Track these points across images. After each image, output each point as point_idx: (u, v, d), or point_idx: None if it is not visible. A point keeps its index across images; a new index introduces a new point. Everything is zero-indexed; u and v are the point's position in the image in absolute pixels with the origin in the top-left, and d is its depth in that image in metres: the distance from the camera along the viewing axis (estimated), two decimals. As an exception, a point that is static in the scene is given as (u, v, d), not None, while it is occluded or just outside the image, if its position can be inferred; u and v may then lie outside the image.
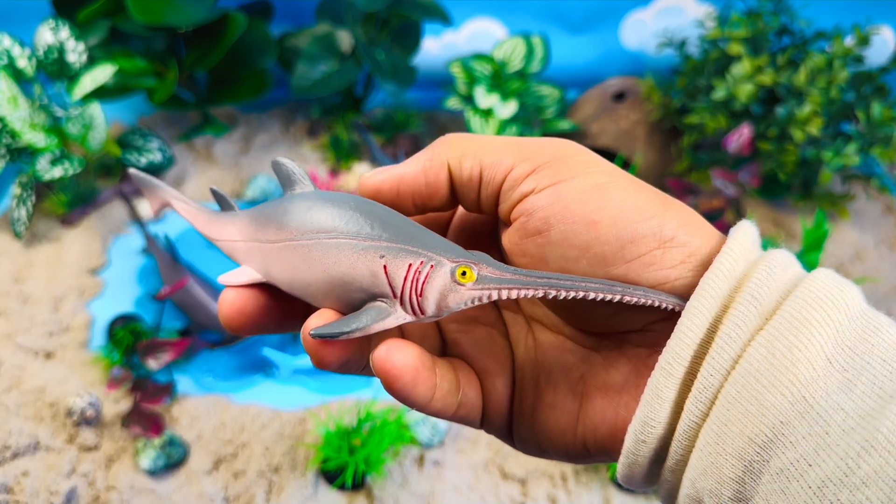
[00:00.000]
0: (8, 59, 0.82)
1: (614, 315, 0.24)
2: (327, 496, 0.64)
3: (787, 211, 0.93)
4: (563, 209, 0.23)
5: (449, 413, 0.24)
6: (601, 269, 0.22)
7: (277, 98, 1.06)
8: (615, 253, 0.22)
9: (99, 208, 0.90)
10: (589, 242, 0.22)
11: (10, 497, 0.62)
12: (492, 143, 0.25)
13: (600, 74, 1.03)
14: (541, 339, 0.26)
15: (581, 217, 0.22)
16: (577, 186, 0.23)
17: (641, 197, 0.23)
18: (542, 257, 0.23)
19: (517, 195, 0.23)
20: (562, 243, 0.23)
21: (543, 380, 0.26)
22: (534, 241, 0.23)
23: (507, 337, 0.27)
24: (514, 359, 0.27)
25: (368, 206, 0.24)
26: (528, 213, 0.23)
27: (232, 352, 0.76)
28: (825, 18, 0.90)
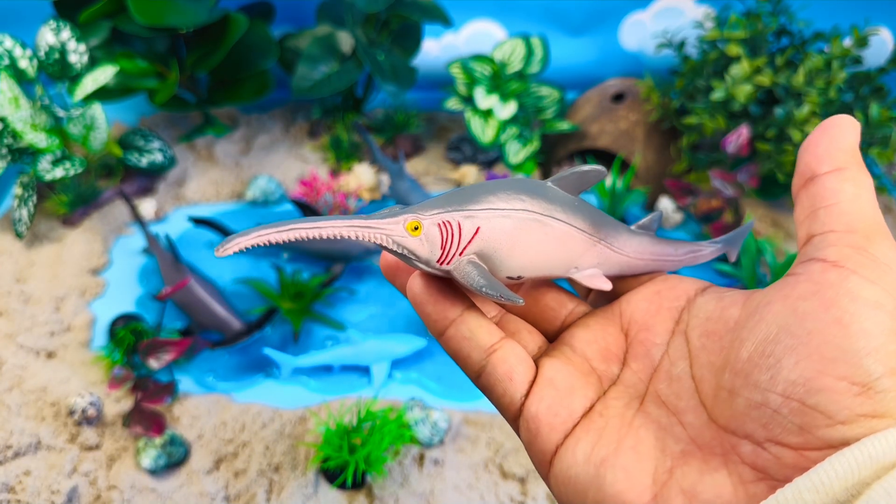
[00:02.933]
0: (10, 60, 0.82)
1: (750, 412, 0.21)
2: (328, 495, 0.64)
3: (785, 211, 0.93)
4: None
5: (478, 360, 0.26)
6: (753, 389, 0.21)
7: (278, 99, 1.07)
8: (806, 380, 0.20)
9: (100, 208, 0.90)
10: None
11: (11, 496, 0.62)
12: None
13: (599, 75, 1.03)
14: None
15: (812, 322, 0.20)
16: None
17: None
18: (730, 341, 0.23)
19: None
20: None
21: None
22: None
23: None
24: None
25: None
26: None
27: (233, 351, 0.76)
28: (823, 19, 0.91)
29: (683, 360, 0.25)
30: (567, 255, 0.27)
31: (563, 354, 0.27)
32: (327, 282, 0.81)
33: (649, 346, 0.26)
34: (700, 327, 0.25)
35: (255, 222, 0.88)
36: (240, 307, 0.79)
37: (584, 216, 0.27)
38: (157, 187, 0.94)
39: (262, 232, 0.23)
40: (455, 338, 0.26)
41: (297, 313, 0.78)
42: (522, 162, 0.92)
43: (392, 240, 0.24)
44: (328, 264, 0.85)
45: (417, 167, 0.99)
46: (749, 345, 0.22)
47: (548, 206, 0.26)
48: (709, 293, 0.26)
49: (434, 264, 0.25)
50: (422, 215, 0.25)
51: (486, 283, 0.24)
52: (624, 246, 0.28)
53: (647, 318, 0.27)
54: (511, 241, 0.25)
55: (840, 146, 0.23)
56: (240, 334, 0.75)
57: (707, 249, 0.32)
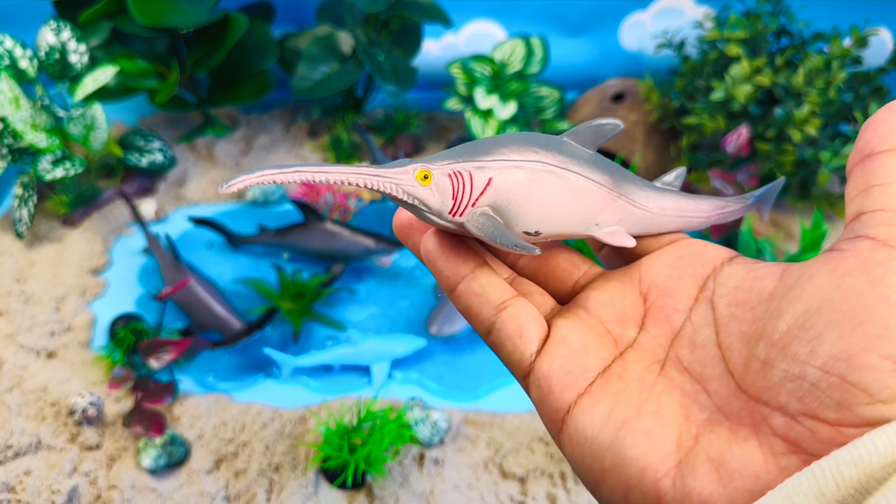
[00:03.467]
0: (10, 60, 0.82)
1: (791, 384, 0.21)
2: (328, 495, 0.64)
3: (785, 211, 0.93)
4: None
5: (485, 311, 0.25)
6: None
7: (278, 99, 1.07)
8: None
9: (100, 208, 0.90)
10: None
11: (12, 496, 0.62)
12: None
13: (599, 75, 1.03)
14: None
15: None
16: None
17: None
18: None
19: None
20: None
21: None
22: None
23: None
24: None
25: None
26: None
27: (233, 351, 0.76)
28: (823, 20, 0.91)
29: (709, 327, 0.24)
30: (585, 209, 0.26)
31: (577, 316, 0.26)
32: (327, 282, 0.81)
33: (670, 311, 0.25)
34: (728, 296, 0.24)
35: (255, 223, 0.88)
36: (240, 307, 0.79)
37: (601, 170, 0.26)
38: (158, 187, 0.95)
39: (268, 172, 0.23)
40: (466, 293, 0.26)
41: (298, 313, 0.78)
42: (522, 162, 0.92)
43: (402, 189, 0.24)
44: (328, 264, 0.85)
45: (417, 167, 0.99)
46: (788, 316, 0.21)
47: (563, 159, 0.25)
48: (737, 262, 0.25)
49: (446, 216, 0.24)
50: (432, 165, 0.24)
51: (499, 234, 0.24)
52: (646, 201, 0.27)
53: (670, 284, 0.26)
54: (525, 193, 0.25)
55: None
56: (240, 334, 0.75)
57: (736, 206, 0.30)
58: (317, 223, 0.83)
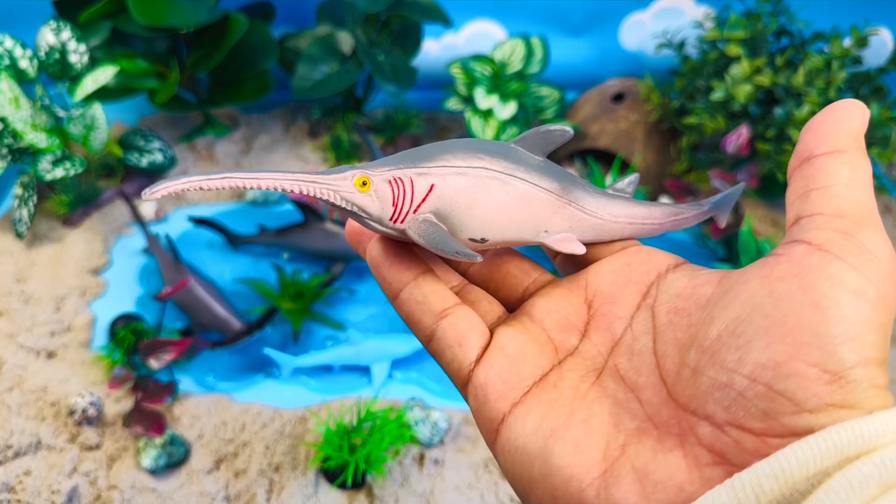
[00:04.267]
0: (10, 60, 0.82)
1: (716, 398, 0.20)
2: (328, 495, 0.64)
3: (785, 211, 0.93)
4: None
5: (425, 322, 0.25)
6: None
7: (278, 99, 1.07)
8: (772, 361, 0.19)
9: (101, 208, 0.90)
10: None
11: (12, 496, 0.62)
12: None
13: (599, 75, 1.03)
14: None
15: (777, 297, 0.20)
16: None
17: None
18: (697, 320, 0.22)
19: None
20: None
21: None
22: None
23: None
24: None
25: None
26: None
27: (233, 351, 0.76)
28: (823, 20, 0.91)
29: (647, 335, 0.24)
30: (533, 216, 0.26)
31: (521, 323, 0.26)
32: (327, 282, 0.81)
33: (612, 318, 0.25)
34: (669, 303, 0.24)
35: (256, 223, 0.88)
36: (240, 307, 0.79)
37: (550, 177, 0.26)
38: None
39: (195, 178, 0.22)
40: (408, 301, 0.26)
41: (298, 313, 0.78)
42: (522, 162, 0.92)
43: (339, 195, 0.23)
44: (328, 264, 0.85)
45: (417, 167, 0.99)
46: (719, 323, 0.21)
47: (509, 165, 0.25)
48: (682, 269, 0.25)
49: (387, 222, 0.24)
50: (371, 171, 0.24)
51: (440, 241, 0.23)
52: (597, 208, 0.27)
53: (614, 291, 0.26)
54: (469, 199, 0.24)
55: (843, 128, 0.22)
56: (240, 334, 0.75)
57: (691, 212, 0.30)
58: (317, 223, 0.83)
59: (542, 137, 0.26)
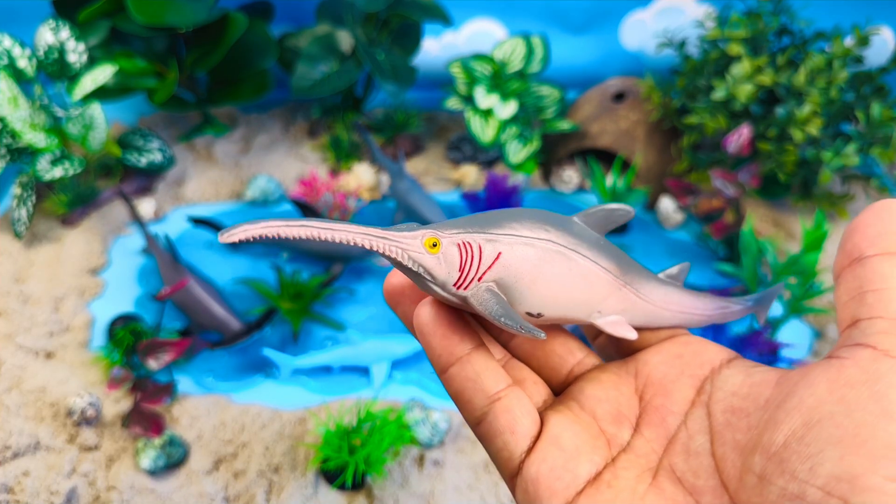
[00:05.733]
0: (8, 60, 0.82)
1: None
2: (327, 496, 0.64)
3: (786, 211, 0.93)
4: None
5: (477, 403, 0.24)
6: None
7: (278, 98, 1.06)
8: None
9: (99, 208, 0.90)
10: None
11: (10, 497, 0.62)
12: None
13: (600, 75, 1.03)
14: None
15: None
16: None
17: None
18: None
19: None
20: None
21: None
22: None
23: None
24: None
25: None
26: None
27: (232, 352, 0.76)
28: (825, 19, 0.90)
29: (703, 434, 0.23)
30: (591, 295, 0.25)
31: (571, 411, 0.25)
32: (327, 282, 0.81)
33: (665, 413, 0.24)
34: (725, 401, 0.23)
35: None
36: (239, 307, 0.79)
37: (609, 256, 0.25)
38: (157, 187, 0.94)
39: (272, 223, 0.21)
40: (459, 377, 0.24)
41: (297, 313, 0.78)
42: (523, 161, 0.92)
43: (408, 255, 0.23)
44: (328, 264, 0.84)
45: (417, 167, 0.99)
46: (786, 428, 0.20)
47: (573, 241, 0.24)
48: (736, 365, 0.24)
49: (450, 288, 0.23)
50: (441, 233, 0.23)
51: (504, 313, 0.22)
52: (651, 294, 0.27)
53: (666, 383, 0.25)
54: (534, 272, 0.24)
55: (892, 230, 0.22)
56: (239, 335, 0.75)
57: (737, 307, 0.30)
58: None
59: (606, 216, 0.26)
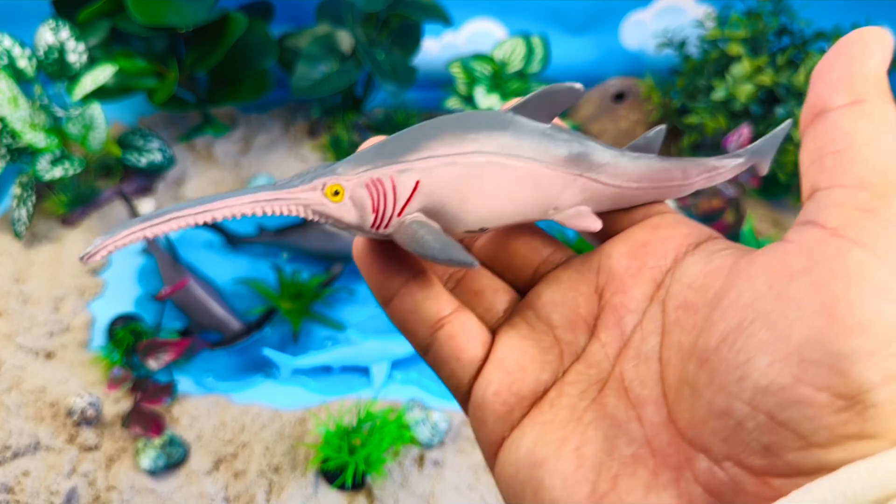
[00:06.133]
0: (8, 60, 0.82)
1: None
2: (327, 496, 0.64)
3: (787, 211, 0.93)
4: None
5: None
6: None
7: (278, 98, 1.06)
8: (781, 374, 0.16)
9: (99, 208, 0.90)
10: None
11: (10, 497, 0.62)
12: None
13: (600, 75, 1.03)
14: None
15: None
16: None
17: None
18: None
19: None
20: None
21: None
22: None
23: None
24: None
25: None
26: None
27: (232, 352, 0.76)
28: (825, 19, 0.90)
29: (656, 336, 0.20)
30: (539, 196, 0.22)
31: (525, 322, 0.23)
32: (327, 282, 0.81)
33: (623, 312, 0.21)
34: (679, 295, 0.20)
35: (255, 222, 0.87)
36: (239, 307, 0.79)
37: (557, 146, 0.22)
38: (157, 187, 0.94)
39: (136, 227, 0.19)
40: (400, 310, 0.22)
41: (297, 313, 0.78)
42: (523, 161, 0.92)
43: (310, 209, 0.21)
44: (327, 264, 0.84)
45: (417, 167, 0.98)
46: (719, 330, 0.17)
47: (508, 143, 0.21)
48: (702, 249, 0.21)
49: (369, 230, 0.21)
50: (343, 177, 0.21)
51: (432, 246, 0.20)
52: (615, 176, 0.23)
53: (627, 278, 0.22)
54: (462, 192, 0.21)
55: (859, 71, 0.17)
56: (239, 335, 0.75)
57: (729, 163, 0.25)
58: (316, 223, 0.83)
59: (547, 101, 0.22)
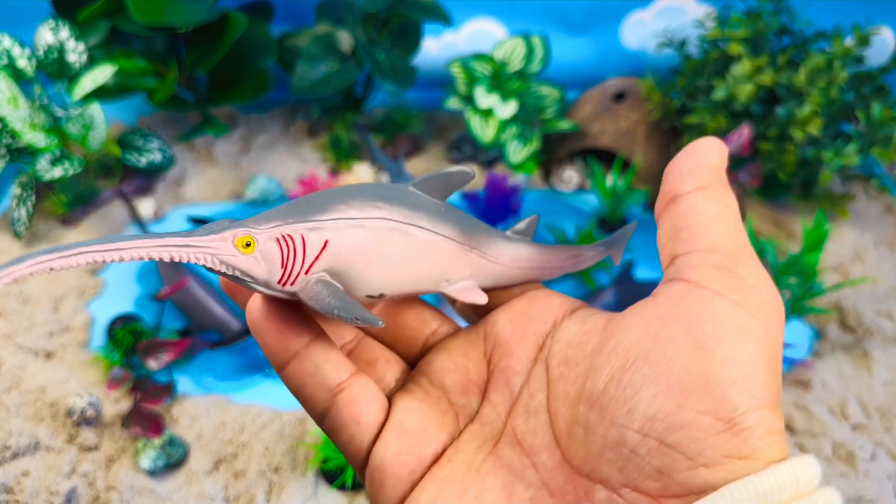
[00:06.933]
0: (8, 60, 0.82)
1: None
2: (327, 496, 0.64)
3: (787, 211, 0.93)
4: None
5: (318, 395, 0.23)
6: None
7: (277, 98, 1.06)
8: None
9: (99, 208, 0.90)
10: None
11: (10, 497, 0.62)
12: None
13: (600, 74, 1.03)
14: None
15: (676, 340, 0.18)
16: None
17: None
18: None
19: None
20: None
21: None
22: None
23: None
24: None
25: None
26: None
27: (232, 352, 0.76)
28: (825, 18, 0.90)
29: (542, 391, 0.22)
30: (434, 266, 0.24)
31: (420, 387, 0.24)
32: (327, 282, 0.81)
33: (510, 374, 0.23)
34: (560, 353, 0.22)
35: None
36: (239, 307, 0.79)
37: (452, 222, 0.24)
38: (156, 187, 0.94)
39: (43, 258, 0.18)
40: (297, 373, 0.22)
41: (297, 313, 0.78)
42: (523, 161, 0.92)
43: (219, 260, 0.21)
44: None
45: (417, 167, 0.98)
46: (604, 373, 0.19)
47: (409, 213, 0.23)
48: (576, 315, 0.23)
49: (275, 286, 0.21)
50: (255, 229, 0.21)
51: (338, 305, 0.21)
52: (499, 254, 0.26)
53: (512, 343, 0.24)
54: (368, 255, 0.22)
55: (704, 164, 0.21)
56: (239, 335, 0.75)
57: (588, 253, 0.29)
58: None
59: (443, 181, 0.25)
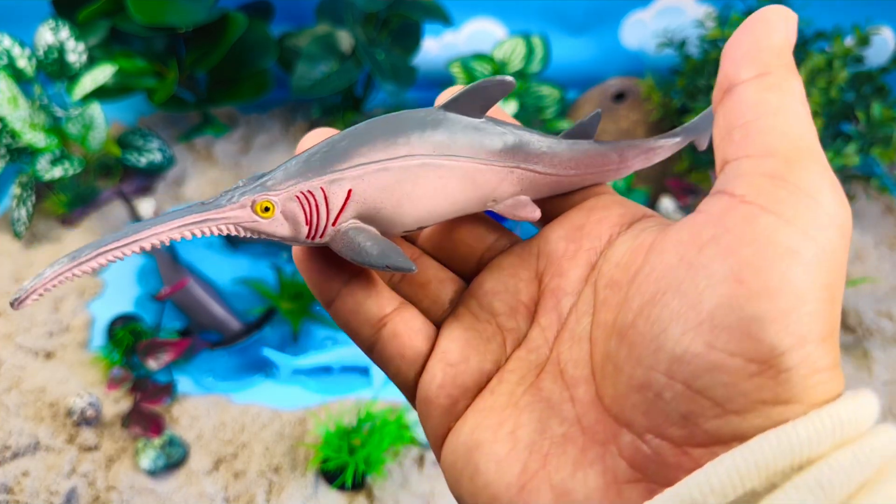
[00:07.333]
0: (8, 60, 0.82)
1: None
2: (327, 496, 0.64)
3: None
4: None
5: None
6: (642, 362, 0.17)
7: (277, 98, 1.06)
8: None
9: (99, 208, 0.90)
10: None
11: (10, 497, 0.62)
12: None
13: (600, 74, 1.03)
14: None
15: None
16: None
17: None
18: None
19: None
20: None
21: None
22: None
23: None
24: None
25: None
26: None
27: (232, 352, 0.76)
28: (825, 18, 0.90)
29: (587, 316, 0.20)
30: (476, 192, 0.22)
31: (469, 312, 0.23)
32: (327, 282, 0.81)
33: (560, 296, 0.21)
34: (608, 275, 0.20)
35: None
36: (239, 307, 0.79)
37: (491, 140, 0.22)
38: (156, 187, 0.94)
39: (62, 268, 0.18)
40: (342, 311, 0.22)
41: (297, 313, 0.78)
42: (523, 161, 0.92)
43: (241, 227, 0.20)
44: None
45: (417, 167, 0.99)
46: (635, 304, 0.17)
47: (440, 143, 0.22)
48: (632, 229, 0.21)
49: (304, 241, 0.21)
50: (272, 192, 0.20)
51: (370, 254, 0.20)
52: (551, 165, 0.23)
53: (564, 261, 0.22)
54: (397, 196, 0.21)
55: (764, 44, 0.17)
56: (239, 335, 0.75)
57: (666, 142, 0.26)
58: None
59: (479, 95, 0.22)
